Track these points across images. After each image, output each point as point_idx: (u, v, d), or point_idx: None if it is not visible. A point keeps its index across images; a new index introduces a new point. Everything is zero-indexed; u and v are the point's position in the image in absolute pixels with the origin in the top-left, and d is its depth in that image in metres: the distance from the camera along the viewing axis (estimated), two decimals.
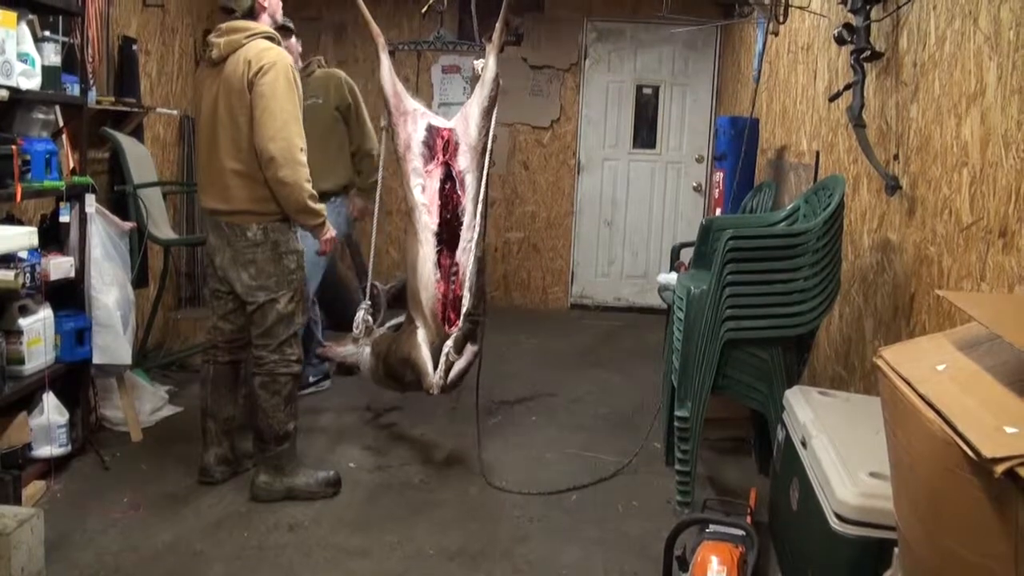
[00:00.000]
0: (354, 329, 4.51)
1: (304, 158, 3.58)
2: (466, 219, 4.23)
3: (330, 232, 3.83)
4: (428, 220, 4.27)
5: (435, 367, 4.08)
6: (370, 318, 4.52)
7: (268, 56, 3.54)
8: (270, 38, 3.66)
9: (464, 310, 4.07)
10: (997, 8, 2.76)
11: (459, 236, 4.26)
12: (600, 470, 4.24)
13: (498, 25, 4.29)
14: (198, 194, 3.90)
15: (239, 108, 3.56)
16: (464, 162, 4.29)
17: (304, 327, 4.04)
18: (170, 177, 6.01)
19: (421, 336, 4.21)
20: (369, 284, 4.78)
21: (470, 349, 4.27)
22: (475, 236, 4.19)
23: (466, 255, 4.19)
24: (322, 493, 3.83)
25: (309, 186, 3.61)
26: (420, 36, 6.95)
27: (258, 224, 3.64)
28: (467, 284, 4.13)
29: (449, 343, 4.03)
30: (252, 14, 3.69)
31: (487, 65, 4.29)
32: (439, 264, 4.23)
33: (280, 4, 3.85)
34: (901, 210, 3.50)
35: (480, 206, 4.22)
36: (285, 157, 3.50)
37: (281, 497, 3.77)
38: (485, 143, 4.27)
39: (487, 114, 4.29)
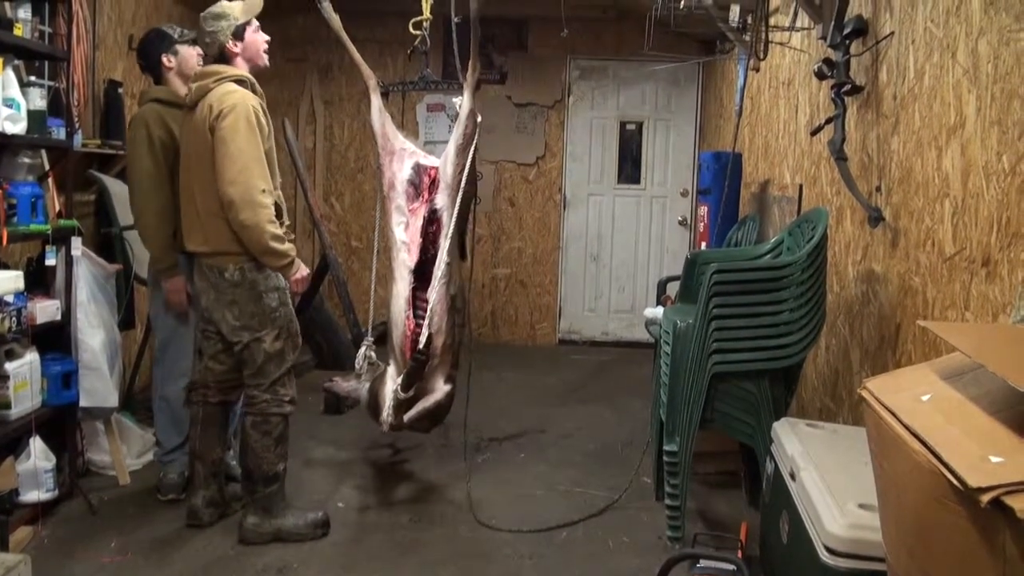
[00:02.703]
0: (356, 365, 4.51)
1: (267, 199, 3.55)
2: (439, 256, 4.24)
3: (300, 272, 3.76)
4: (406, 258, 4.29)
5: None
6: (372, 354, 4.52)
7: (229, 100, 3.54)
8: (241, 81, 3.67)
9: (419, 347, 4.07)
10: (975, 42, 2.80)
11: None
12: (590, 506, 4.22)
13: (470, 62, 4.34)
14: (182, 237, 3.89)
15: (206, 152, 3.56)
16: (441, 200, 4.31)
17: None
18: None
19: (390, 373, 4.24)
20: (371, 323, 4.79)
21: (442, 388, 4.27)
22: (440, 273, 4.19)
23: (434, 292, 4.20)
24: (311, 535, 3.79)
25: (272, 227, 3.56)
26: (405, 76, 7.00)
27: (235, 264, 3.62)
28: (426, 322, 4.14)
29: (396, 381, 4.06)
30: (224, 58, 3.71)
31: (463, 102, 4.34)
32: (414, 301, 4.25)
33: (259, 47, 3.85)
34: (885, 241, 3.52)
35: (450, 243, 4.24)
36: (244, 200, 3.48)
37: (270, 539, 3.73)
38: (459, 180, 4.28)
39: (462, 151, 4.31)
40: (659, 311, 4.86)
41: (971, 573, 1.42)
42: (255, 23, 3.82)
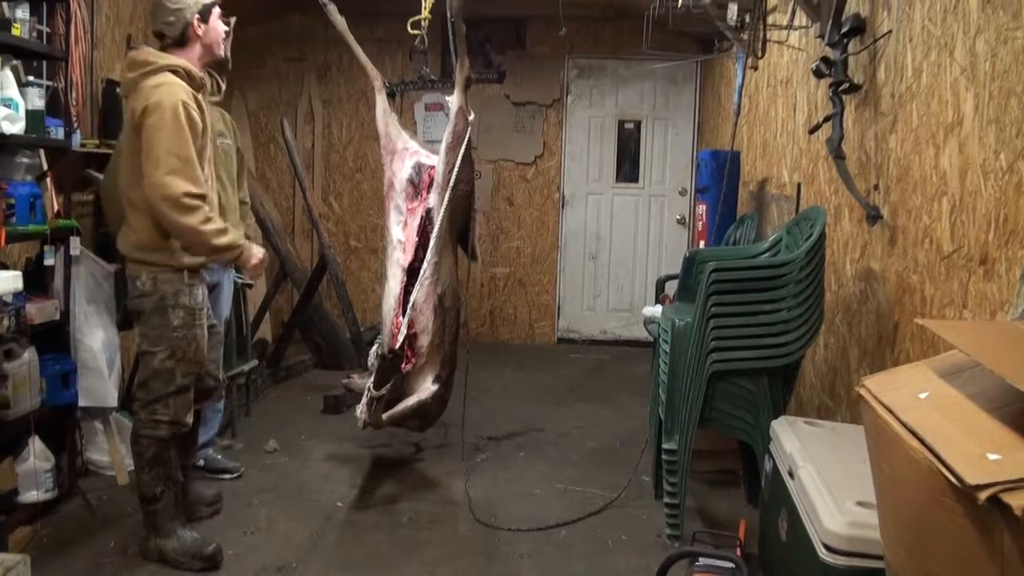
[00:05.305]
0: (368, 363, 4.53)
1: (194, 201, 3.32)
2: (428, 254, 4.26)
3: (254, 258, 3.55)
4: (400, 256, 4.31)
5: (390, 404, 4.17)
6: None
7: (154, 96, 3.31)
8: (174, 71, 3.43)
9: (395, 346, 4.10)
10: (972, 40, 2.80)
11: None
12: (589, 505, 4.23)
13: (458, 61, 4.35)
14: (113, 232, 3.77)
15: (131, 151, 3.40)
16: (434, 198, 4.32)
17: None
18: None
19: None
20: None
21: (428, 388, 4.30)
22: (427, 272, 4.21)
23: (420, 291, 4.22)
24: (188, 565, 3.49)
25: (209, 226, 3.37)
26: (404, 75, 7.02)
27: (148, 273, 3.45)
28: (405, 320, 4.17)
29: (369, 379, 4.09)
30: (183, 42, 3.52)
31: (452, 100, 4.35)
32: (406, 300, 4.28)
33: (220, 34, 3.61)
34: (883, 239, 3.52)
35: (440, 242, 4.24)
36: (172, 203, 3.29)
37: (156, 558, 3.54)
38: (449, 179, 4.29)
39: (451, 149, 4.33)
40: (658, 310, 4.86)
41: (969, 570, 1.43)
42: (218, 9, 3.60)
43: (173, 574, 3.48)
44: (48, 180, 4.09)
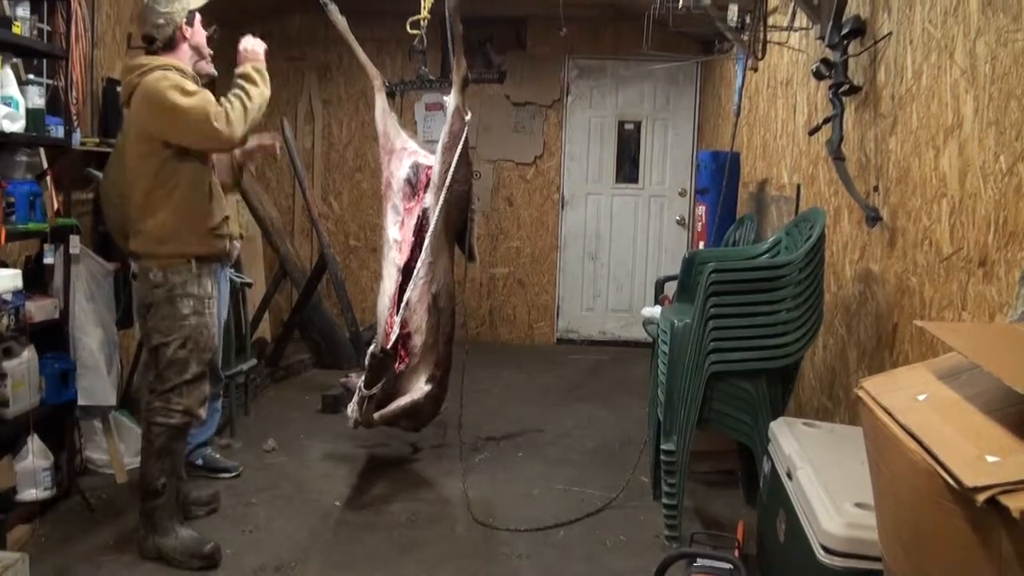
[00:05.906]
0: (366, 362, 4.54)
1: (236, 111, 3.51)
2: (422, 254, 4.27)
3: (257, 55, 3.83)
4: (396, 256, 4.33)
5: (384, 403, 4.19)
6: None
7: (152, 88, 3.42)
8: (167, 70, 3.50)
9: (387, 345, 4.11)
10: (973, 42, 2.80)
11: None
12: (587, 505, 4.23)
13: (455, 60, 4.35)
14: (114, 235, 3.85)
15: (147, 151, 3.48)
16: (430, 199, 4.33)
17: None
18: None
19: None
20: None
21: (421, 388, 4.30)
22: (421, 272, 4.22)
23: (414, 291, 4.23)
24: (186, 564, 3.49)
25: (249, 100, 3.62)
26: (403, 75, 7.02)
27: (158, 266, 3.52)
28: (398, 319, 4.18)
29: (361, 379, 4.10)
30: (172, 45, 3.60)
31: (449, 100, 4.36)
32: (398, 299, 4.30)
33: (203, 38, 3.73)
34: (882, 241, 3.53)
35: (435, 241, 4.25)
36: (234, 129, 3.47)
37: (154, 556, 3.54)
38: (445, 179, 4.30)
39: (448, 150, 4.33)
40: (657, 310, 4.86)
41: (967, 572, 1.43)
42: (199, 15, 3.71)
43: (171, 572, 3.47)
44: (48, 178, 4.09)
